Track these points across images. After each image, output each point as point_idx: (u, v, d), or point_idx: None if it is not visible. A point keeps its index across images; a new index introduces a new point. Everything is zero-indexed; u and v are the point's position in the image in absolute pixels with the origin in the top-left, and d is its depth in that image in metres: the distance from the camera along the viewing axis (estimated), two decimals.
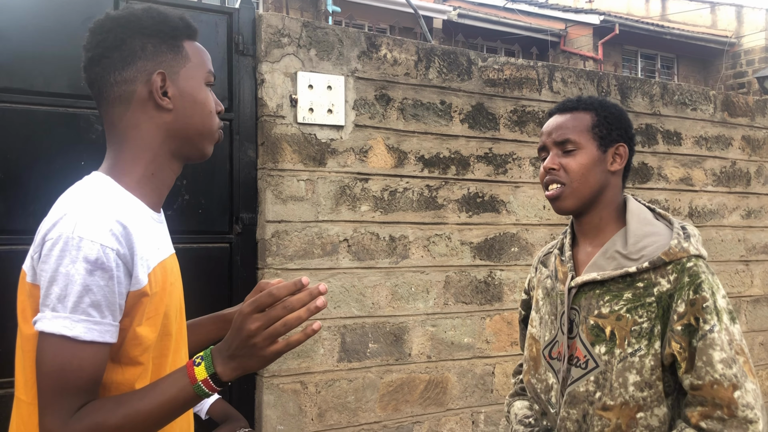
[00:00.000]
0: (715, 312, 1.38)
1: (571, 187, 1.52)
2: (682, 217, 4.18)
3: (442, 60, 3.46)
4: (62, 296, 1.09)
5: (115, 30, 1.24)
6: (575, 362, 1.51)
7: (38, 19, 2.66)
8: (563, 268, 1.59)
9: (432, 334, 3.38)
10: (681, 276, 1.42)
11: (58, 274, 1.09)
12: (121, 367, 1.18)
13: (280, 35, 3.06)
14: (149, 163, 1.26)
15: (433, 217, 3.40)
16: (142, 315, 1.18)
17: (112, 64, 1.23)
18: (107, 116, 1.26)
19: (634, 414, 1.43)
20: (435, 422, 3.38)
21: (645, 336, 1.43)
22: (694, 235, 1.49)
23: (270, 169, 3.01)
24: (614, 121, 1.56)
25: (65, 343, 1.08)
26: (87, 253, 1.09)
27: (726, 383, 1.35)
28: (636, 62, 15.55)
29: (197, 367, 1.13)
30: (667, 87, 4.19)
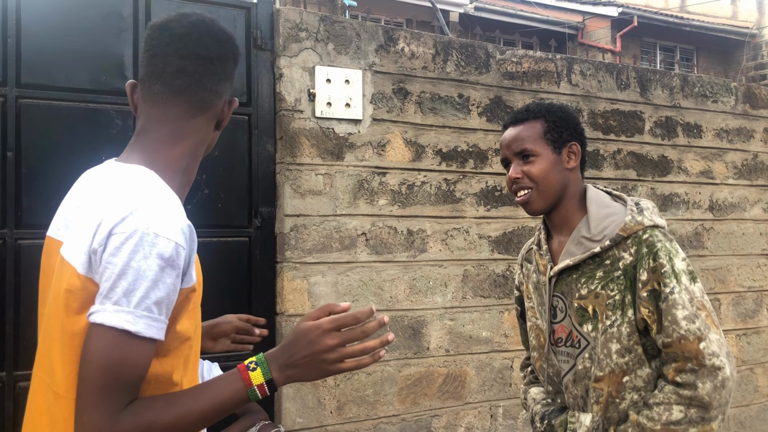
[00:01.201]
0: (673, 275, 1.53)
1: (537, 190, 1.68)
2: (702, 211, 4.14)
3: (459, 53, 3.45)
4: (129, 291, 1.08)
5: (227, 44, 1.30)
6: (570, 343, 1.66)
7: (59, 15, 2.69)
8: (542, 260, 1.75)
9: (450, 328, 3.38)
10: (640, 247, 1.58)
11: (129, 268, 1.09)
12: (160, 359, 1.18)
13: (298, 29, 3.06)
14: (189, 163, 1.30)
15: (451, 211, 3.40)
16: (186, 309, 1.20)
17: (213, 72, 1.27)
18: (171, 108, 1.26)
19: (621, 379, 1.58)
20: (453, 416, 3.39)
21: (618, 307, 1.58)
22: (647, 208, 1.64)
23: (288, 164, 3.02)
24: (562, 124, 1.71)
25: (125, 338, 1.08)
26: (162, 249, 1.10)
27: (691, 337, 1.49)
28: (655, 54, 15.40)
29: (252, 372, 1.17)
30: (687, 79, 4.14)
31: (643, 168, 3.95)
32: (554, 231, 1.76)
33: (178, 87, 1.25)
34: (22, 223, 2.58)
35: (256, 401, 1.18)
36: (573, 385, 1.65)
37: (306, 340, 1.17)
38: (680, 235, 4.06)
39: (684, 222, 4.08)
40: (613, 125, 3.87)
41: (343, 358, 1.18)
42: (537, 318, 1.79)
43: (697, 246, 4.12)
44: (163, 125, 1.26)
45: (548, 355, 1.69)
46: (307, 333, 1.18)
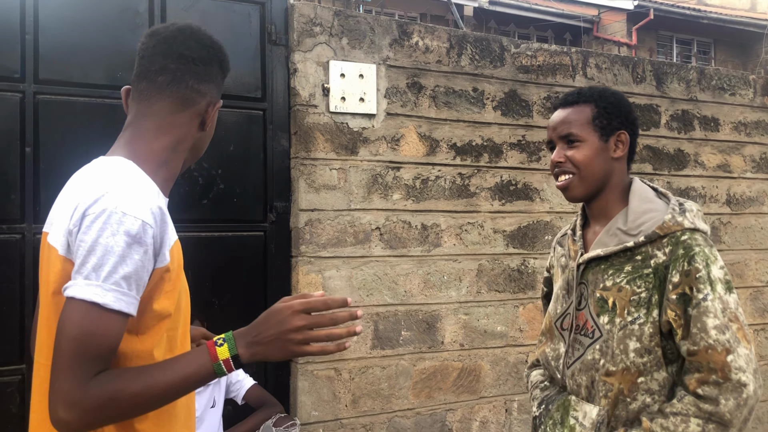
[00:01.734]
0: (708, 282, 1.47)
1: (579, 177, 1.64)
2: (719, 205, 4.11)
3: (474, 47, 3.44)
4: (98, 266, 1.15)
5: (211, 48, 1.38)
6: (584, 332, 1.63)
7: (76, 12, 2.71)
8: (574, 246, 1.72)
9: (465, 323, 3.38)
10: (675, 248, 1.51)
11: (97, 244, 1.16)
12: (139, 336, 1.24)
13: (312, 24, 3.07)
14: (170, 157, 1.36)
15: (465, 206, 3.39)
16: (162, 289, 1.25)
17: (194, 71, 1.35)
18: (155, 103, 1.34)
19: (635, 379, 1.53)
20: (468, 410, 3.39)
21: (643, 305, 1.53)
22: (690, 210, 1.58)
23: (303, 158, 3.03)
24: (614, 111, 1.65)
25: (94, 309, 1.14)
26: (128, 227, 1.17)
27: (719, 348, 1.43)
28: (671, 48, 15.26)
29: (219, 347, 1.21)
30: (704, 72, 4.10)
31: (659, 162, 3.93)
32: (592, 219, 1.72)
33: (160, 83, 1.33)
34: (40, 217, 2.61)
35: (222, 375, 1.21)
36: (579, 374, 1.62)
37: (275, 320, 1.22)
38: None
39: None
40: None
41: (309, 340, 1.22)
42: (552, 302, 1.79)
43: (715, 240, 4.08)
44: (146, 119, 1.34)
45: (573, 343, 1.65)
46: (278, 313, 1.23)
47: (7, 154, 2.59)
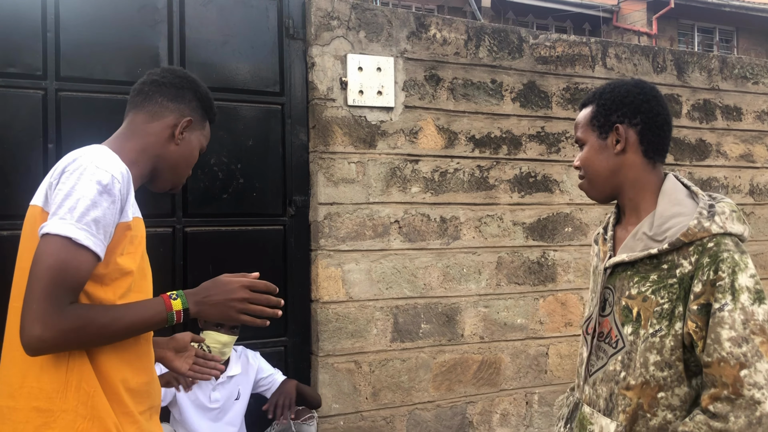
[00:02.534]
0: (730, 291, 1.38)
1: (587, 180, 1.65)
2: (742, 195, 4.06)
3: (492, 38, 3.42)
4: (72, 207, 1.34)
5: (183, 78, 1.67)
6: (608, 341, 1.57)
7: (96, 9, 2.74)
8: (604, 247, 1.66)
9: (484, 315, 3.37)
10: (701, 257, 1.43)
11: (73, 190, 1.36)
12: (103, 287, 1.42)
13: (329, 18, 3.07)
14: (139, 157, 1.58)
15: (484, 198, 3.38)
16: (124, 246, 1.44)
17: (163, 92, 1.63)
18: (133, 116, 1.62)
19: (655, 394, 1.46)
20: (488, 402, 3.39)
21: (666, 317, 1.45)
22: (722, 213, 1.47)
23: (321, 152, 3.04)
24: (611, 106, 1.60)
25: (68, 244, 1.32)
26: (100, 177, 1.38)
27: (732, 361, 1.35)
28: (692, 36, 15.06)
29: (174, 301, 1.46)
30: (726, 61, 4.05)
31: (681, 152, 3.88)
32: (623, 216, 1.66)
33: (137, 102, 1.63)
34: None
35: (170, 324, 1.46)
36: (600, 384, 1.57)
37: (224, 288, 1.50)
38: None
39: None
40: None
41: (246, 311, 1.51)
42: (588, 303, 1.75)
43: None
44: (126, 128, 1.62)
45: (596, 350, 1.60)
46: (227, 283, 1.52)
47: (30, 150, 2.62)
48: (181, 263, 2.85)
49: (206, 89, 1.70)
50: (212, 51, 2.91)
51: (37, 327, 1.28)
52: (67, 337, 1.32)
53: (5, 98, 2.59)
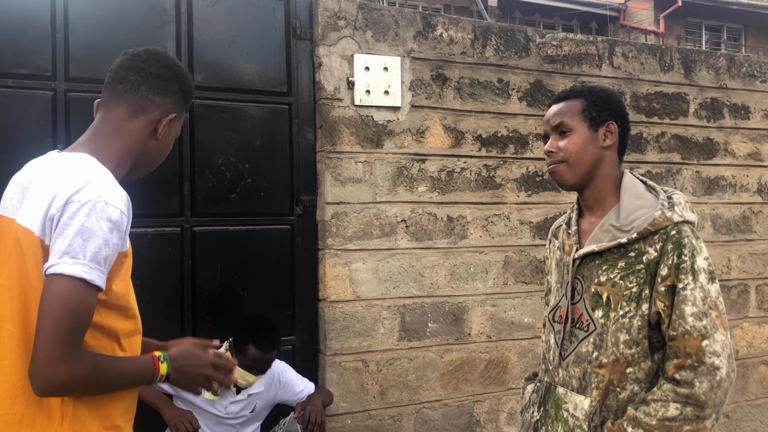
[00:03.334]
0: (691, 272, 1.55)
1: (568, 165, 1.71)
2: (750, 194, 4.05)
3: (498, 38, 3.42)
4: (84, 247, 1.31)
5: (170, 68, 1.58)
6: (579, 326, 1.70)
7: (105, 10, 2.75)
8: (569, 241, 1.78)
9: (492, 314, 3.38)
10: (665, 244, 1.59)
11: (83, 228, 1.32)
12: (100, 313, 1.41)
13: (336, 18, 3.08)
14: (123, 160, 1.54)
15: (491, 197, 3.39)
16: (120, 272, 1.44)
17: (150, 83, 1.54)
18: (113, 109, 1.53)
19: (624, 369, 1.61)
20: (496, 401, 3.39)
21: (634, 299, 1.61)
22: (679, 203, 1.64)
23: (328, 152, 3.05)
24: (603, 104, 1.73)
25: (84, 286, 1.31)
26: (111, 214, 1.36)
27: (695, 333, 1.52)
28: (700, 35, 15.01)
29: (161, 364, 1.48)
30: (734, 59, 4.04)
31: (688, 151, 3.88)
32: (586, 210, 1.78)
33: (119, 91, 1.53)
34: None
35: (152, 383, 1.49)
36: (572, 365, 1.69)
37: (196, 362, 1.56)
38: (727, 218, 3.97)
39: (731, 206, 3.99)
40: (656, 108, 3.80)
41: (206, 384, 1.59)
42: (547, 295, 1.88)
43: (745, 230, 4.03)
44: (106, 123, 1.53)
45: (568, 335, 1.73)
46: (200, 357, 1.57)
47: (40, 150, 2.61)
48: (189, 263, 2.86)
49: (190, 79, 1.65)
50: (220, 51, 2.93)
51: (62, 372, 1.28)
52: (86, 383, 1.33)
53: (15, 99, 2.62)
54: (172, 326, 2.80)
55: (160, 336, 2.77)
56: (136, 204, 2.78)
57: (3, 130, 2.60)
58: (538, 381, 1.85)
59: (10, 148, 2.60)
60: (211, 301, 2.90)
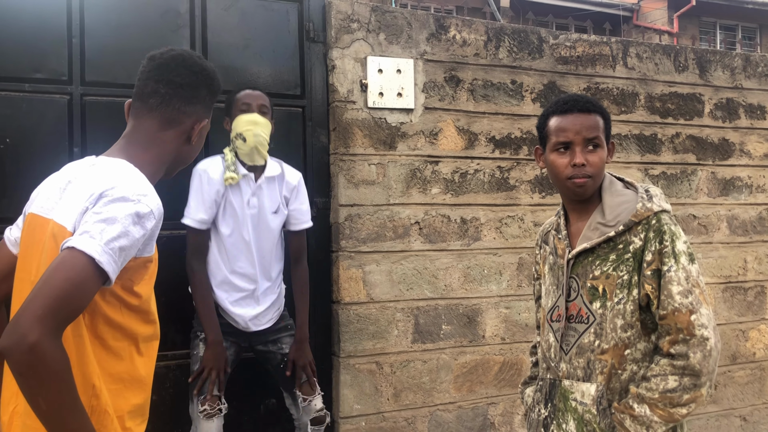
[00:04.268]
0: (673, 255, 1.69)
1: (594, 181, 1.81)
2: (767, 195, 4.01)
3: (512, 39, 3.42)
4: (104, 230, 1.30)
5: (198, 74, 1.57)
6: (579, 320, 1.80)
7: (120, 15, 2.78)
8: (561, 244, 1.88)
9: (505, 316, 3.37)
10: (647, 232, 1.73)
11: (109, 215, 1.33)
12: (121, 309, 1.42)
13: (349, 21, 3.09)
14: (157, 170, 1.56)
15: (505, 199, 3.38)
16: (144, 276, 1.45)
17: (182, 95, 1.54)
18: (145, 121, 1.54)
19: (623, 352, 1.73)
20: (510, 403, 3.38)
21: (625, 286, 1.74)
22: (656, 195, 1.79)
23: (342, 154, 3.05)
24: (608, 122, 1.86)
25: (89, 263, 1.27)
26: (139, 209, 1.36)
27: (684, 309, 1.65)
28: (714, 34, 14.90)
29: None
30: (749, 59, 4.01)
31: (703, 152, 3.85)
32: (573, 215, 1.88)
33: (151, 105, 1.53)
34: None
35: None
36: (575, 357, 1.79)
37: None
38: (743, 219, 3.94)
39: (747, 207, 3.96)
40: (671, 108, 3.77)
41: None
42: (543, 297, 1.97)
43: (762, 231, 3.99)
44: (139, 133, 1.54)
45: (567, 331, 1.82)
46: None
47: (57, 154, 2.66)
48: None
49: (218, 78, 1.64)
50: (234, 55, 2.94)
51: (35, 334, 1.18)
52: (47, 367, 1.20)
53: (32, 103, 2.64)
54: (187, 328, 2.81)
55: (175, 338, 2.80)
56: None
57: (21, 134, 2.63)
58: (540, 380, 1.93)
59: (28, 151, 2.62)
60: None
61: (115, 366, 1.45)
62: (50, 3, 2.67)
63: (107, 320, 1.41)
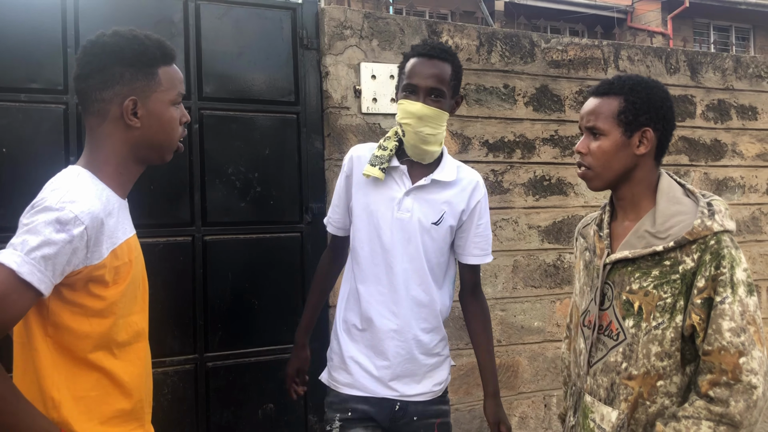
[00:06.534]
0: (730, 285, 1.47)
1: (594, 172, 1.63)
2: (759, 195, 4.04)
3: (504, 43, 3.45)
4: (25, 241, 1.31)
5: (100, 56, 1.49)
6: (608, 333, 1.62)
7: (114, 24, 2.76)
8: (600, 244, 1.69)
9: (501, 319, 3.39)
10: (704, 254, 1.51)
11: (31, 225, 1.33)
12: (89, 319, 1.41)
13: (342, 28, 3.11)
14: (117, 165, 1.51)
15: (499, 202, 3.40)
16: (101, 280, 1.42)
17: (94, 85, 1.48)
18: (87, 122, 1.51)
19: (655, 382, 1.54)
20: (507, 405, 3.40)
21: (668, 310, 1.53)
22: (719, 211, 1.55)
23: (337, 160, 3.08)
24: (642, 106, 1.61)
25: (11, 275, 1.27)
26: (60, 215, 1.34)
27: (732, 350, 1.44)
28: (708, 35, 14.96)
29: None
30: (740, 60, 4.04)
31: (696, 153, 3.88)
32: (619, 211, 1.70)
33: (80, 103, 1.52)
34: None
35: None
36: (600, 374, 1.63)
37: None
38: (736, 219, 3.97)
39: (740, 206, 3.99)
40: None
41: None
42: (577, 296, 1.79)
43: (755, 230, 4.02)
44: (89, 138, 1.52)
45: (596, 342, 1.66)
46: None
47: (53, 163, 2.68)
48: (200, 271, 2.89)
49: (134, 46, 1.50)
50: (228, 62, 2.97)
51: None
52: None
53: (28, 113, 2.66)
54: (184, 334, 2.83)
55: (173, 343, 2.82)
56: (147, 214, 2.82)
57: (17, 143, 2.65)
58: (573, 385, 1.78)
59: (24, 160, 2.64)
60: (222, 309, 2.93)
61: (88, 375, 1.44)
62: (45, 13, 2.69)
63: (71, 331, 1.41)
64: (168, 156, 1.57)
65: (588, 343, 1.67)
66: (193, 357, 2.87)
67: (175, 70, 1.56)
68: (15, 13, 2.65)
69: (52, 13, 2.70)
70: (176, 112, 1.54)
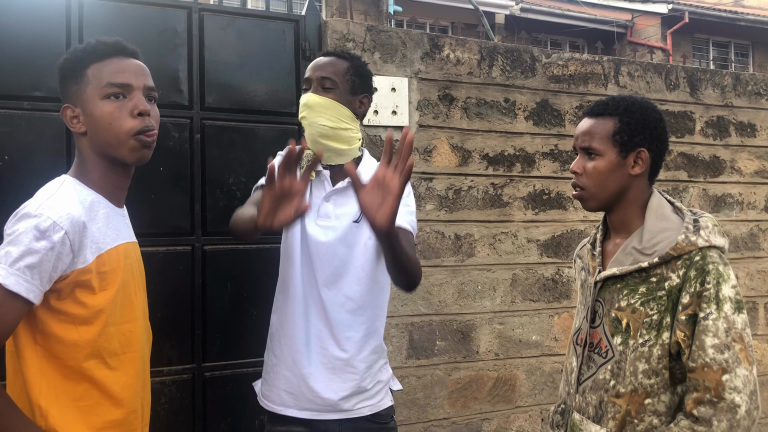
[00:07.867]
0: (714, 301, 1.46)
1: (590, 192, 1.66)
2: (757, 212, 4.06)
3: (505, 58, 3.47)
4: (8, 253, 1.33)
5: (58, 68, 1.60)
6: (598, 351, 1.63)
7: (118, 33, 2.79)
8: (593, 262, 1.72)
9: (499, 332, 3.39)
10: (688, 270, 1.51)
11: (11, 235, 1.36)
12: (76, 327, 1.42)
13: (345, 40, 3.13)
14: (98, 171, 1.55)
15: (498, 215, 3.41)
16: (88, 285, 1.42)
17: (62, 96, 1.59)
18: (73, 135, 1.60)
19: (643, 400, 1.53)
20: (504, 419, 3.40)
21: (654, 327, 1.53)
22: (706, 227, 1.55)
23: None
24: (637, 127, 1.63)
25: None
26: (39, 222, 1.36)
27: (715, 366, 1.43)
28: (707, 51, 15.03)
29: None
30: (739, 77, 4.07)
31: (695, 169, 3.90)
32: (613, 231, 1.72)
33: None
34: None
35: None
36: (589, 392, 1.64)
37: None
38: (734, 236, 3.98)
39: (738, 223, 4.00)
40: None
41: None
42: (576, 314, 1.82)
43: (753, 247, 4.03)
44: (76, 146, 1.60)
45: (586, 360, 1.67)
46: None
47: (55, 171, 2.66)
48: (200, 281, 2.90)
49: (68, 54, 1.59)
50: (231, 73, 2.98)
51: None
52: None
53: (31, 121, 2.67)
54: (182, 344, 2.83)
55: (171, 353, 2.81)
56: (148, 223, 2.82)
57: (19, 151, 2.66)
58: (563, 403, 1.79)
59: (27, 168, 2.65)
60: (221, 318, 2.93)
61: (78, 385, 1.44)
62: (50, 22, 2.71)
63: (59, 339, 1.42)
64: (126, 152, 1.54)
65: (579, 361, 1.69)
66: (191, 366, 2.86)
67: (109, 63, 1.56)
68: (19, 21, 2.67)
69: (56, 22, 2.72)
70: (110, 105, 1.52)
